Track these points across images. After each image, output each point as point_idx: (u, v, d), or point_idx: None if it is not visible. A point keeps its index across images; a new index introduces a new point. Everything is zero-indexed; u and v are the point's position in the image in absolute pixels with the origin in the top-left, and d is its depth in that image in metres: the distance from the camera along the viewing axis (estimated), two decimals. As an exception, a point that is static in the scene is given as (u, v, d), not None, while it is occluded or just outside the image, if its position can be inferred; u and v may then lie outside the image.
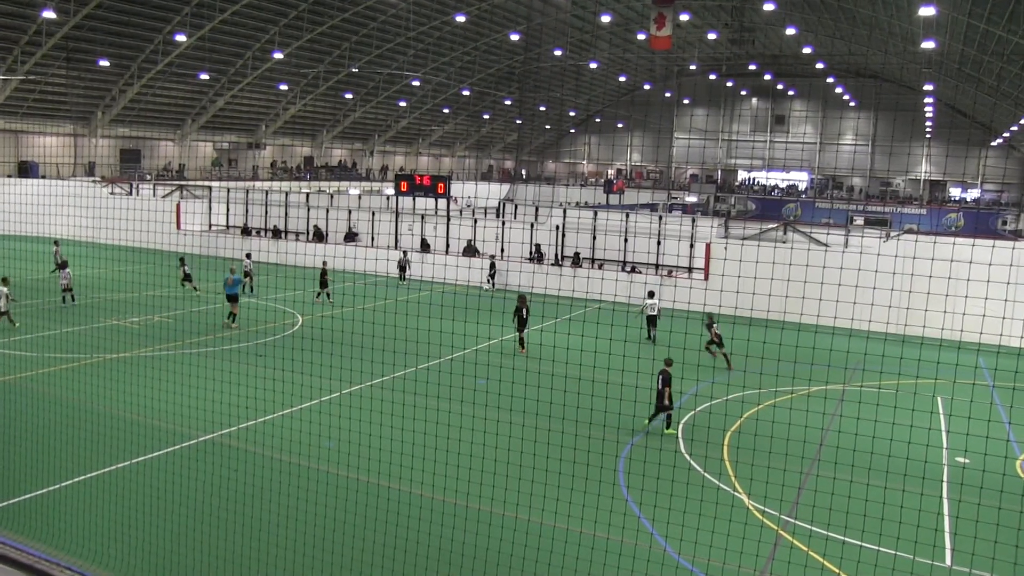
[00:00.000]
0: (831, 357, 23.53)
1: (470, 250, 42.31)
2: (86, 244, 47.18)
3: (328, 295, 33.69)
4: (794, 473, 16.01)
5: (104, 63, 57.78)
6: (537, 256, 41.15)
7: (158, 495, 14.19)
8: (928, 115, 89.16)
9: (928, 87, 75.24)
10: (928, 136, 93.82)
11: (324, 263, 34.39)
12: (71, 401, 19.20)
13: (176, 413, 17.94)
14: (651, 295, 29.96)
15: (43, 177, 57.46)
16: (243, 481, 14.76)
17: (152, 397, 18.66)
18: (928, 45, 53.44)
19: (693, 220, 40.91)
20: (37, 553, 3.66)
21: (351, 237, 47.01)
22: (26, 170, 58.43)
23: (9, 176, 56.69)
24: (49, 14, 49.54)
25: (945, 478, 16.97)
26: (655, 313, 29.45)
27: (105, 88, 63.53)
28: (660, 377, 18.57)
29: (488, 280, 38.56)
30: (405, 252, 41.68)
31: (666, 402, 18.68)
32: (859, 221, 76.17)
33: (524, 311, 27.15)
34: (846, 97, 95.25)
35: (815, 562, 12.81)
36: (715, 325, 25.22)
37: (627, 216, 41.57)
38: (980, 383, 25.48)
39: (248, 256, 36.55)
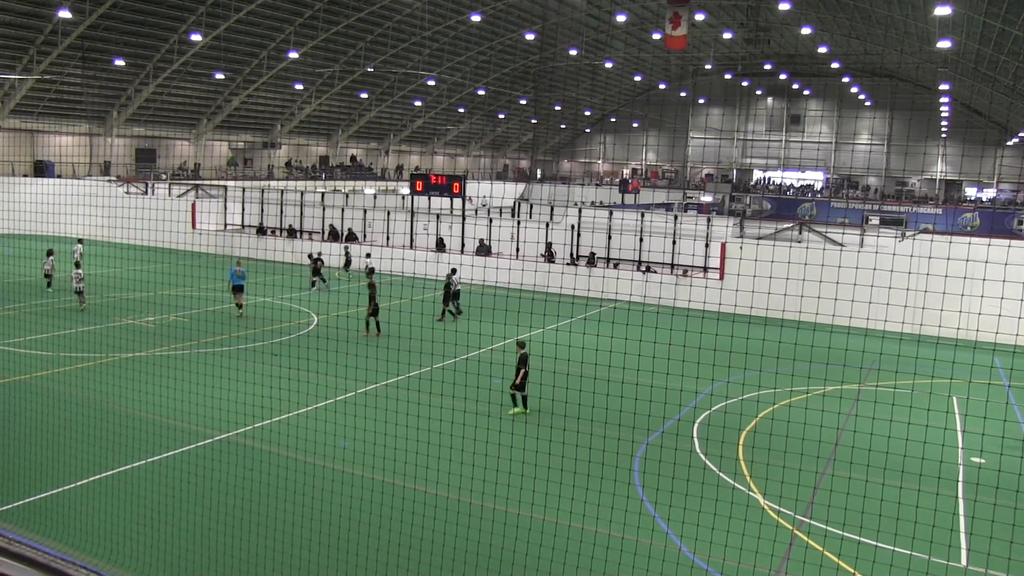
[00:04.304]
0: (846, 357, 23.45)
1: (483, 249, 42.32)
2: (102, 243, 47.43)
3: (458, 307, 32.00)
4: (809, 473, 15.97)
5: (120, 63, 58.06)
6: (548, 255, 41.08)
7: (173, 494, 14.26)
8: (944, 115, 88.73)
9: (944, 86, 74.86)
10: (944, 136, 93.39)
11: (455, 272, 32.18)
12: (87, 400, 19.31)
13: (191, 412, 18.03)
14: (454, 271, 31.56)
15: (59, 176, 57.78)
16: (258, 480, 14.81)
17: (167, 396, 18.75)
18: (944, 44, 53.21)
19: (708, 220, 40.81)
20: (53, 552, 3.69)
21: (351, 238, 46.91)
22: (42, 169, 58.79)
23: (25, 175, 57.04)
24: (65, 14, 49.87)
25: (961, 478, 16.90)
26: (459, 288, 31.49)
27: (120, 88, 63.82)
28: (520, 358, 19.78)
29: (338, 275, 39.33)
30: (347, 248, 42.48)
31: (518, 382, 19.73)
32: (874, 221, 75.75)
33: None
34: (861, 97, 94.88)
35: (830, 562, 12.78)
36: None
37: (642, 216, 41.49)
38: (996, 383, 25.35)
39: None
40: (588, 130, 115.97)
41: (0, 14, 50.60)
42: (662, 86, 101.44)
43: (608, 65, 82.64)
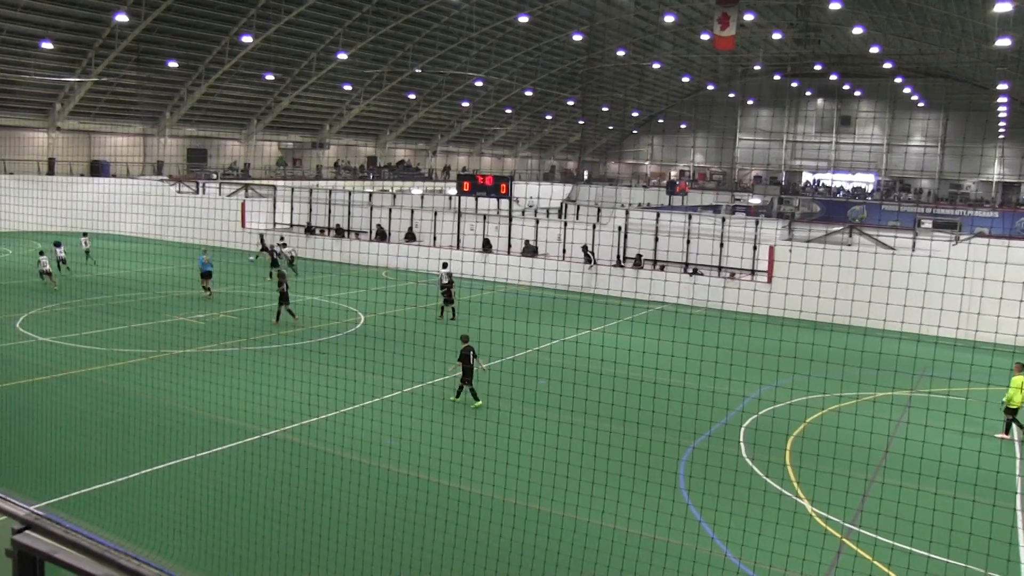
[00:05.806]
0: (898, 362, 23.07)
1: (529, 250, 42.27)
2: (154, 241, 48.14)
3: (453, 311, 31.20)
4: (858, 480, 15.71)
5: (173, 64, 59.00)
6: (586, 258, 40.58)
7: (221, 489, 14.40)
8: (1001, 115, 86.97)
9: (1002, 86, 73.39)
10: (1001, 136, 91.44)
11: (446, 267, 32.52)
12: (138, 395, 19.60)
13: (240, 409, 18.19)
14: (444, 265, 32.57)
15: (114, 176, 58.84)
16: (305, 477, 14.92)
17: (216, 393, 18.93)
18: (1003, 43, 52.18)
19: (757, 222, 40.42)
20: (105, 542, 3.72)
21: (410, 237, 47.23)
22: (98, 169, 59.98)
23: (82, 175, 58.13)
24: (122, 17, 50.72)
25: (1019, 490, 16.51)
26: (448, 282, 31.25)
27: (173, 89, 64.81)
28: (461, 352, 19.88)
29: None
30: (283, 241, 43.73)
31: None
32: (927, 224, 74.63)
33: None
34: (915, 97, 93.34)
35: (880, 572, 12.55)
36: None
37: (690, 218, 41.21)
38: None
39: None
40: (635, 131, 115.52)
41: (61, 19, 51.65)
42: (710, 87, 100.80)
43: (656, 66, 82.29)
